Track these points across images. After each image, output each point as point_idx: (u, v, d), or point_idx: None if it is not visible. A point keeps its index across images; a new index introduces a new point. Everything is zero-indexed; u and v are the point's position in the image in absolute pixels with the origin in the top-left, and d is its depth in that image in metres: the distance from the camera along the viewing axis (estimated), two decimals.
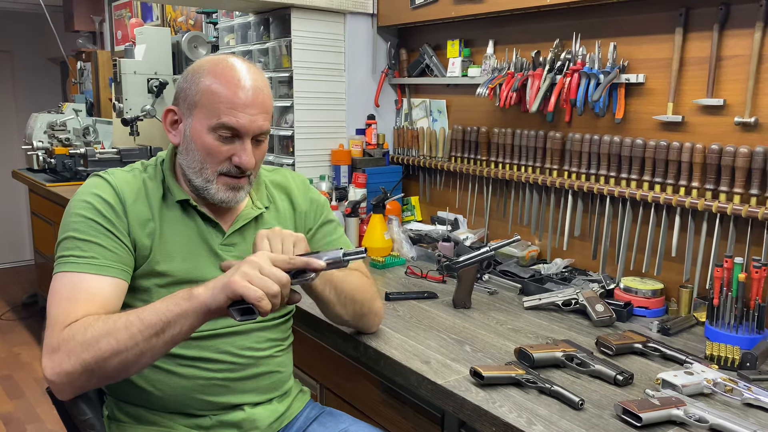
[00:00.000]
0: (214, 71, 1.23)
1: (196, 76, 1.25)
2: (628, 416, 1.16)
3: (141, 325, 1.06)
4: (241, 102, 1.22)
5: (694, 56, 1.73)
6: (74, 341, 1.06)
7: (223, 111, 1.21)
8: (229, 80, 1.22)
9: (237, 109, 1.21)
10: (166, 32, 3.51)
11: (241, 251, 1.34)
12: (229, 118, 1.21)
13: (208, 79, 1.23)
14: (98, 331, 1.06)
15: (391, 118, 2.76)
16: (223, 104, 1.21)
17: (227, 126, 1.22)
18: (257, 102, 1.24)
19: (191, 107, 1.25)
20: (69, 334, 1.07)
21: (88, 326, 1.07)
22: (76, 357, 1.05)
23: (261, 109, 1.25)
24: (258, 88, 1.24)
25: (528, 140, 2.14)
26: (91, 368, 1.06)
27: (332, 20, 2.54)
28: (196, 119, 1.24)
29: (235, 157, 1.25)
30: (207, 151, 1.24)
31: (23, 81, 5.97)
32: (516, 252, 2.16)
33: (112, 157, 3.49)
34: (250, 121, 1.23)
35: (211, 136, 1.23)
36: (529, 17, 2.15)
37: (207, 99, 1.22)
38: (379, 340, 1.53)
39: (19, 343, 4.07)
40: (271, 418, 1.36)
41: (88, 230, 1.19)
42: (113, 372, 1.08)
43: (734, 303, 1.53)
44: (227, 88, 1.21)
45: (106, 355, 1.05)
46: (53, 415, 3.01)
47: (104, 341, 1.05)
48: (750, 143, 1.62)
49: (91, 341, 1.05)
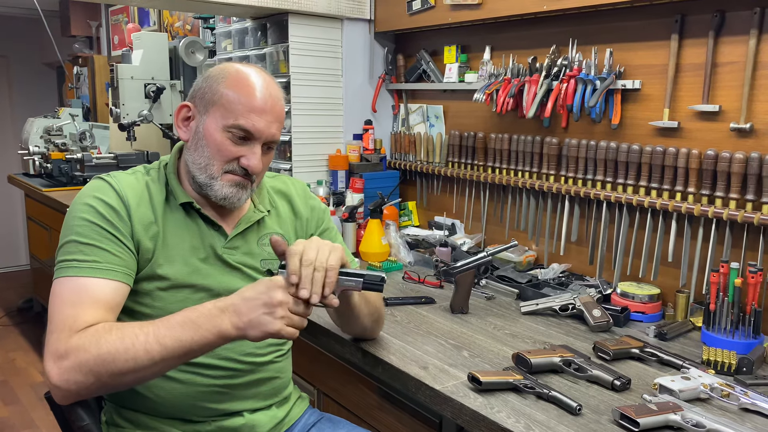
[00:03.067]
0: (237, 76, 1.27)
1: (218, 78, 1.27)
2: (625, 421, 1.17)
3: (163, 351, 1.07)
4: (259, 107, 1.25)
5: (689, 62, 1.75)
6: (87, 353, 1.06)
7: (241, 113, 1.24)
8: (250, 85, 1.26)
9: (255, 113, 1.25)
10: (164, 37, 3.51)
11: (243, 254, 1.34)
12: (246, 121, 1.24)
13: (230, 82, 1.26)
14: (114, 347, 1.06)
15: (388, 123, 2.77)
16: (242, 106, 1.24)
17: (243, 128, 1.24)
18: (274, 110, 1.27)
19: (208, 105, 1.27)
20: (79, 343, 1.07)
21: (100, 338, 1.07)
22: (89, 369, 1.05)
23: (276, 118, 1.28)
24: (276, 97, 1.29)
25: (525, 146, 2.15)
26: (105, 381, 1.07)
27: (329, 26, 2.55)
28: (211, 117, 1.26)
29: (243, 159, 1.26)
30: (217, 148, 1.26)
31: (20, 86, 5.97)
32: (513, 257, 2.17)
33: (108, 162, 3.48)
34: (266, 126, 1.26)
35: (224, 135, 1.25)
36: (526, 23, 2.16)
37: (226, 100, 1.25)
38: (377, 345, 1.53)
39: (14, 348, 4.05)
40: (271, 424, 1.36)
41: (91, 234, 1.19)
42: (127, 386, 1.12)
43: (731, 308, 1.54)
44: (247, 93, 1.25)
45: (124, 371, 1.06)
46: (49, 421, 3.00)
47: (121, 359, 1.05)
48: (745, 149, 1.63)
49: (106, 357, 1.05)
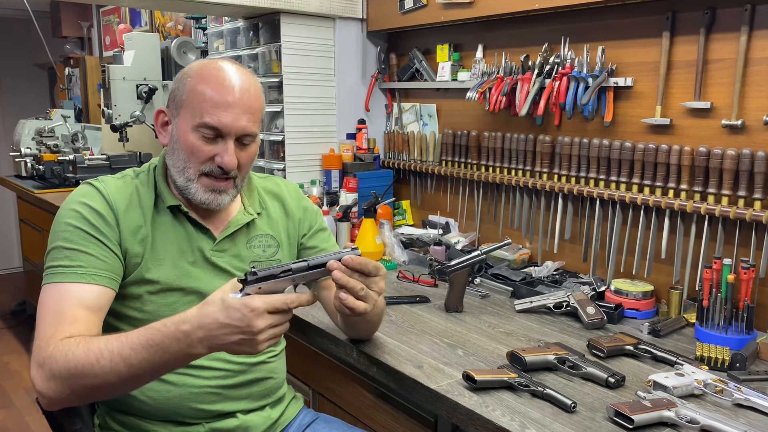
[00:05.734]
0: (201, 72, 1.24)
1: (185, 78, 1.26)
2: (620, 418, 1.17)
3: (130, 369, 1.03)
4: (224, 102, 1.21)
5: (681, 60, 1.75)
6: (57, 365, 1.05)
7: (207, 110, 1.21)
8: (214, 80, 1.22)
9: (219, 108, 1.21)
10: (155, 38, 3.50)
11: (232, 257, 1.33)
12: (212, 117, 1.21)
13: (195, 80, 1.23)
14: (80, 363, 1.03)
15: (381, 122, 2.77)
16: (206, 103, 1.21)
17: (209, 125, 1.21)
18: (242, 102, 1.23)
19: (178, 107, 1.25)
20: (53, 354, 1.06)
21: (68, 351, 1.05)
22: (62, 380, 1.05)
23: (245, 110, 1.23)
24: (244, 88, 1.24)
25: (518, 144, 2.15)
26: (80, 393, 1.07)
27: (322, 25, 2.54)
28: (182, 119, 1.24)
29: (217, 157, 1.24)
30: (190, 150, 1.24)
31: (10, 87, 5.93)
32: (507, 255, 2.17)
33: (101, 164, 3.47)
34: (233, 120, 1.22)
35: (195, 136, 1.23)
36: (518, 21, 2.16)
37: (192, 98, 1.22)
38: (372, 345, 1.53)
39: (8, 351, 4.02)
40: (265, 425, 1.35)
41: (76, 239, 1.18)
42: (107, 398, 1.13)
43: (723, 304, 1.55)
44: (212, 88, 1.22)
45: (94, 386, 1.05)
46: (43, 425, 2.97)
47: (90, 375, 1.04)
48: (737, 145, 1.63)
49: (74, 372, 1.04)
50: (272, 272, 1.07)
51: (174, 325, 1.03)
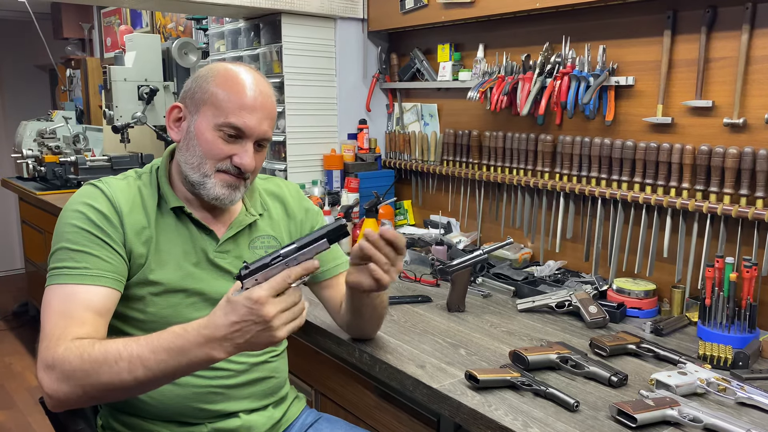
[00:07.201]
0: (226, 74, 1.26)
1: (208, 77, 1.27)
2: (623, 417, 1.17)
3: (148, 373, 1.03)
4: (249, 105, 1.24)
5: (682, 58, 1.75)
6: (71, 366, 1.04)
7: (232, 111, 1.23)
8: (240, 83, 1.25)
9: (246, 110, 1.24)
10: (156, 39, 3.50)
11: (235, 258, 1.34)
12: (237, 119, 1.23)
13: (220, 81, 1.25)
14: (97, 364, 1.03)
15: (382, 122, 2.77)
16: (232, 104, 1.23)
17: (234, 126, 1.23)
18: (265, 107, 1.26)
19: (198, 105, 1.26)
20: (65, 354, 1.05)
21: (83, 353, 1.04)
22: (75, 382, 1.04)
23: (267, 115, 1.27)
24: (266, 94, 1.28)
25: (519, 143, 2.15)
26: (92, 395, 1.06)
27: (322, 25, 2.54)
28: (202, 116, 1.25)
29: (236, 157, 1.25)
30: (209, 147, 1.25)
31: (11, 89, 5.93)
32: (509, 255, 2.17)
33: (102, 165, 3.47)
34: (257, 123, 1.25)
35: (215, 134, 1.24)
36: (519, 21, 2.16)
37: (216, 99, 1.24)
38: (374, 344, 1.53)
39: (10, 352, 4.03)
40: (268, 424, 1.35)
41: (81, 240, 1.18)
42: (119, 399, 1.13)
43: (726, 303, 1.54)
44: (237, 91, 1.24)
45: (109, 388, 1.04)
46: (45, 425, 2.98)
47: (105, 377, 1.03)
48: (739, 144, 1.63)
49: (90, 372, 1.03)
50: (263, 262, 1.07)
51: (195, 330, 1.03)
